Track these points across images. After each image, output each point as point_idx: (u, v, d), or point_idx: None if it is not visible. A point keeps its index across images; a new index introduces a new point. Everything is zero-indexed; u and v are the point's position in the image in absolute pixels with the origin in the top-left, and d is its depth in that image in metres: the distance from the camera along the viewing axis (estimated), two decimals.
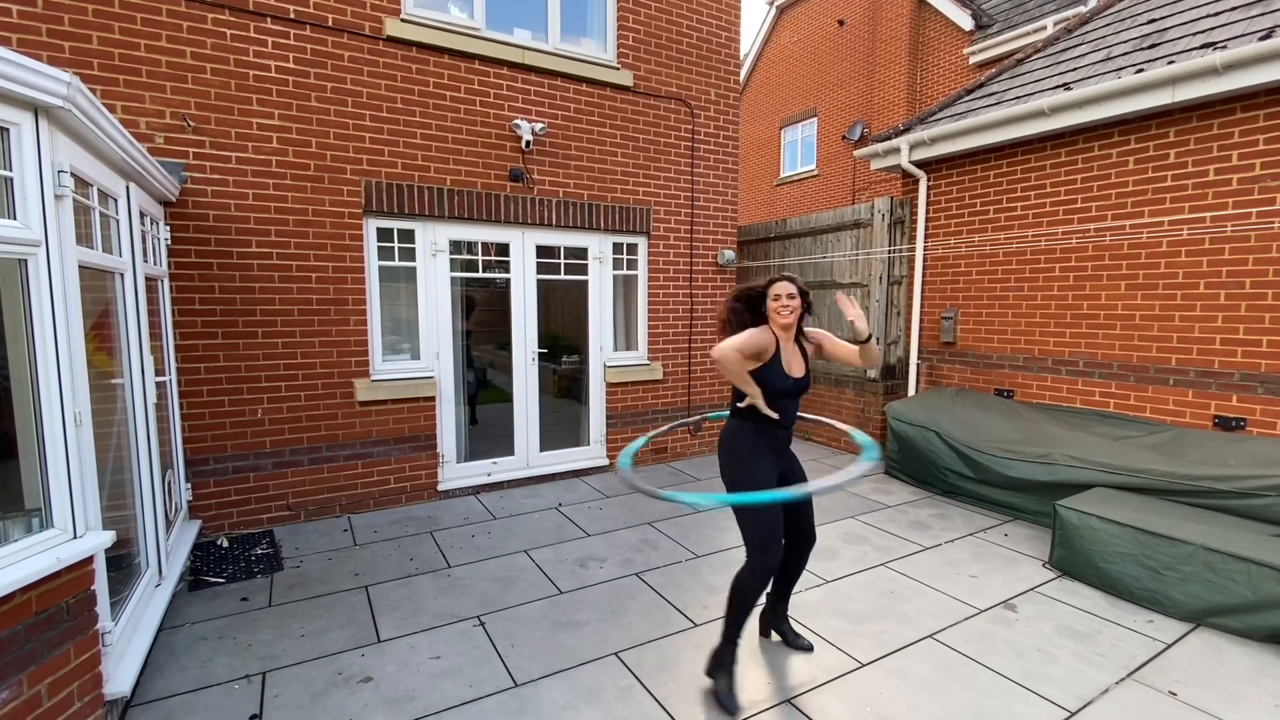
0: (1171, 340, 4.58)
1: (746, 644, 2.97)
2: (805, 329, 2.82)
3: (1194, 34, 4.54)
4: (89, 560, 2.27)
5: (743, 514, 2.65)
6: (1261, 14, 4.22)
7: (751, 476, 2.67)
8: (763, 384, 2.62)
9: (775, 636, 3.13)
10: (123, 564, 2.98)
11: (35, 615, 2.05)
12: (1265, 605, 3.04)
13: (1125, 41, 5.12)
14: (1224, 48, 4.10)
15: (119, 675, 2.45)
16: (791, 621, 3.15)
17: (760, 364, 2.62)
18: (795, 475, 2.85)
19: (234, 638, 3.11)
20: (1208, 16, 4.63)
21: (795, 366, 2.73)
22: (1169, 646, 3.06)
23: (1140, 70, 4.51)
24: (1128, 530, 3.53)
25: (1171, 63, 4.32)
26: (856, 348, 2.72)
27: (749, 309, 2.77)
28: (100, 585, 2.36)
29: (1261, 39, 3.91)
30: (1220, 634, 3.16)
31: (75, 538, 2.21)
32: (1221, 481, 3.75)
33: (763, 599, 2.93)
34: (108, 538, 2.30)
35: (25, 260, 2.10)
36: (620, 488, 5.52)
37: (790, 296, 2.64)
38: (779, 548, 2.65)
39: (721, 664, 2.68)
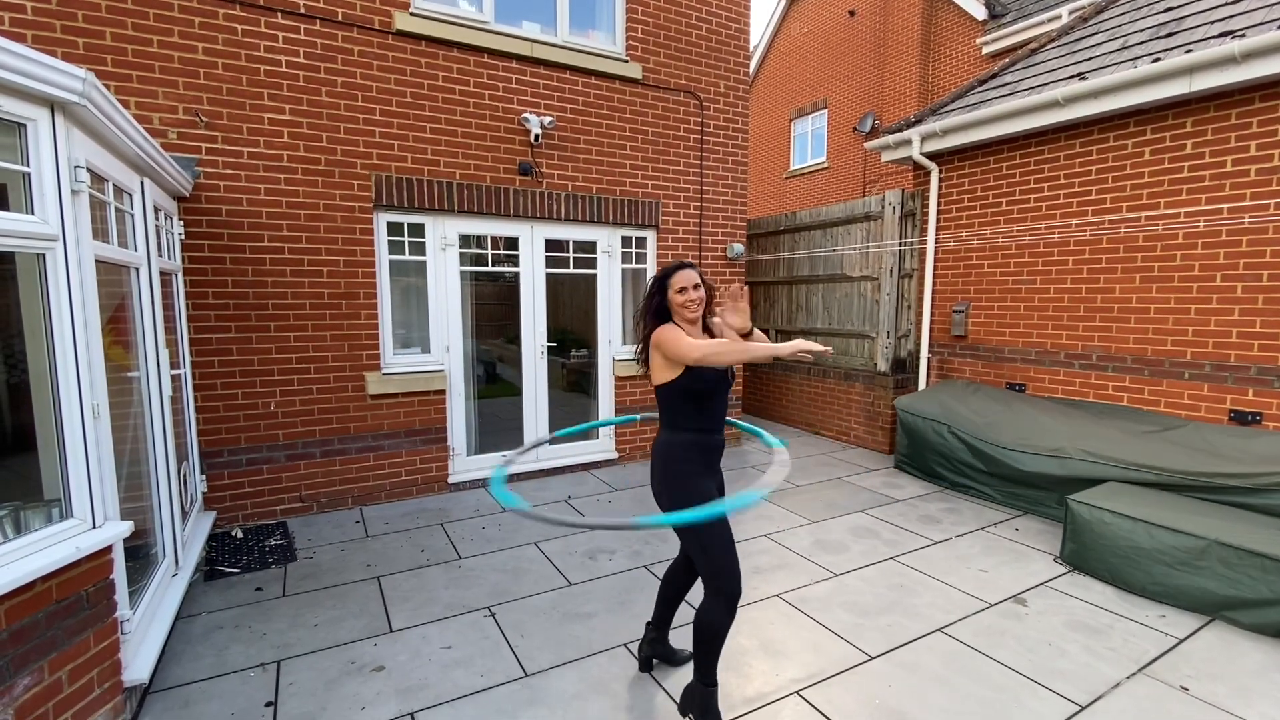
0: (1187, 333, 4.53)
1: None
2: (709, 321, 2.55)
3: (1212, 22, 4.46)
4: (108, 549, 2.31)
5: (698, 539, 2.30)
6: None
7: (702, 498, 2.35)
8: (694, 383, 2.34)
9: (655, 663, 2.84)
10: (140, 554, 3.03)
11: (56, 603, 2.10)
12: (1279, 600, 3.02)
13: (1142, 30, 5.04)
14: (1243, 36, 4.02)
15: (137, 662, 2.49)
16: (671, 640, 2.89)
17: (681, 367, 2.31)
18: (720, 490, 2.58)
19: (249, 627, 3.16)
20: (1226, 4, 4.54)
21: None
22: (1181, 641, 3.04)
23: (1157, 59, 4.44)
24: (1140, 525, 3.50)
25: (1189, 51, 4.25)
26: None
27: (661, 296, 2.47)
28: (119, 574, 2.40)
29: None
30: (1233, 629, 3.14)
31: (94, 527, 2.26)
32: (1236, 477, 3.71)
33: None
34: (126, 528, 2.35)
35: (44, 255, 2.13)
36: (628, 481, 5.53)
37: (695, 288, 2.38)
38: (738, 569, 2.31)
39: (709, 711, 2.35)
